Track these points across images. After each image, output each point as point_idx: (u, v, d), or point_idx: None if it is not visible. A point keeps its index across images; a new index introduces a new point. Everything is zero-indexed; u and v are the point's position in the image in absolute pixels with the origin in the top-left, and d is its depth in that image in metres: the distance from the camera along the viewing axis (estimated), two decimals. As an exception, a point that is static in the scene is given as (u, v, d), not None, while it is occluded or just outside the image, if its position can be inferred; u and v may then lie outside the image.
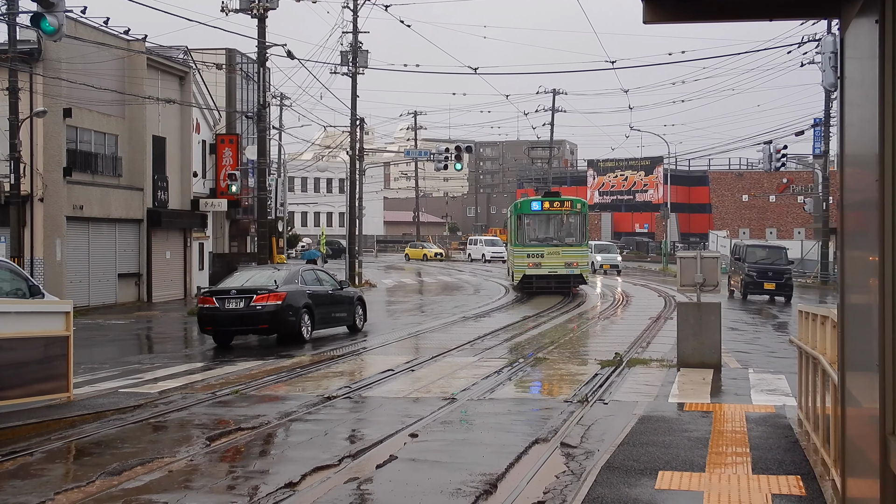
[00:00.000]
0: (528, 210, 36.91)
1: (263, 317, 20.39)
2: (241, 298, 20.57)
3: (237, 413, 12.02)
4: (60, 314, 13.10)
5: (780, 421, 10.97)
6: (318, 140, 76.13)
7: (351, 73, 44.86)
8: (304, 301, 21.12)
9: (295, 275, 21.98)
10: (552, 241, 36.30)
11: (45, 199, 30.47)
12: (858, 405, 4.63)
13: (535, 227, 36.82)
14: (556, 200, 37.15)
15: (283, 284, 20.99)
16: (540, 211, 36.72)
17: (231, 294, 20.72)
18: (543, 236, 36.59)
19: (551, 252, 35.56)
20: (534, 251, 35.76)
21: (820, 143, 46.97)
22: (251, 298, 20.48)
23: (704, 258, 16.20)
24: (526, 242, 36.31)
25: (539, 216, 36.82)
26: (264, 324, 20.55)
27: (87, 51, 30.25)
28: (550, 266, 35.39)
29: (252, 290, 20.71)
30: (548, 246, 35.87)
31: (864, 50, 4.34)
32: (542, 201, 37.12)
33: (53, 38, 17.34)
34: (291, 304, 20.71)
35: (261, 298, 20.41)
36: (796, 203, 72.02)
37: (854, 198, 4.78)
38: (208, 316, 20.81)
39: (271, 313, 20.35)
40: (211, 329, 21.01)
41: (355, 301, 23.50)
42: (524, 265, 35.79)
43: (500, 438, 10.28)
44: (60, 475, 9.09)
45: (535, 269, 35.47)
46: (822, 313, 8.64)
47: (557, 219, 36.87)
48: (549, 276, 35.42)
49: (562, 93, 75.31)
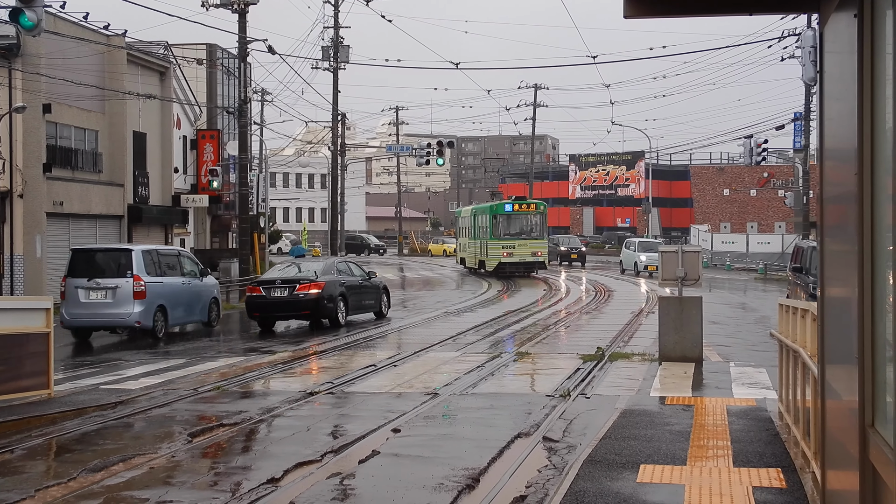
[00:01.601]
0: (503, 211, 45.18)
1: (306, 304, 22.64)
2: (285, 287, 22.74)
3: (219, 409, 11.99)
4: (41, 311, 13.02)
5: (761, 414, 11.03)
6: (299, 135, 75.95)
7: (332, 69, 44.79)
8: (339, 290, 23.36)
9: (331, 266, 24.32)
10: (521, 235, 44.57)
11: (25, 195, 30.28)
12: (838, 398, 4.66)
13: (508, 225, 44.73)
14: (523, 203, 46.16)
15: (321, 275, 23.28)
16: (511, 212, 45.13)
17: (276, 284, 22.90)
18: (515, 231, 44.68)
19: (521, 244, 44.02)
20: (507, 243, 44.02)
21: (800, 137, 47.18)
22: (294, 287, 22.67)
23: (686, 252, 16.25)
24: (501, 236, 44.32)
25: (510, 216, 45.07)
26: (306, 310, 22.79)
27: (67, 46, 30.05)
28: (520, 255, 43.92)
29: (295, 280, 22.92)
30: (518, 239, 44.29)
31: (843, 44, 4.36)
32: (513, 204, 45.79)
33: (32, 33, 17.24)
34: (330, 293, 22.98)
35: (303, 287, 22.63)
36: (777, 197, 72.36)
37: (833, 191, 4.81)
38: (256, 303, 22.93)
39: (313, 300, 22.61)
40: (258, 315, 23.07)
41: (381, 290, 25.87)
42: (499, 255, 43.92)
43: (482, 433, 10.30)
44: (41, 472, 9.04)
45: (509, 258, 43.85)
46: (803, 307, 8.69)
47: (525, 218, 45.20)
48: (519, 263, 44.05)
49: (543, 87, 75.36)
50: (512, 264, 43.85)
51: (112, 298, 20.88)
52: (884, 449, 3.54)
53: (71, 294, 21.06)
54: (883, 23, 3.69)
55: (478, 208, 49.58)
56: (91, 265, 21.49)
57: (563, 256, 56.01)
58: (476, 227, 47.72)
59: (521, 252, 43.96)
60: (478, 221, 47.42)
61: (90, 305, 20.93)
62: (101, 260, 21.89)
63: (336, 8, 44.49)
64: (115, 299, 20.85)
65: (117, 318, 21.02)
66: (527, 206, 45.92)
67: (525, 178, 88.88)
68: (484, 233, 45.74)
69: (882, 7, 3.71)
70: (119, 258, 21.50)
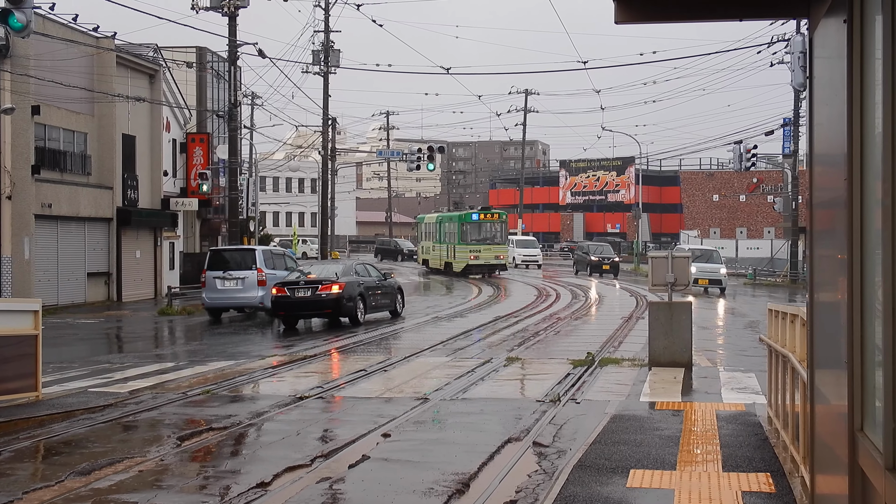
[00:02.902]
0: (469, 220, 50.42)
1: (328, 303, 24.20)
2: (308, 288, 24.31)
3: (208, 414, 11.96)
4: (29, 312, 12.96)
5: (751, 419, 11.05)
6: (289, 139, 75.89)
7: (323, 73, 44.78)
8: (358, 290, 25.00)
9: (350, 268, 26.26)
10: (486, 241, 49.70)
11: (14, 197, 30.16)
12: (827, 402, 4.66)
13: (474, 232, 49.91)
14: (488, 213, 51.47)
15: (342, 276, 24.91)
16: (477, 220, 50.35)
17: (300, 284, 24.55)
18: (480, 238, 49.83)
19: (486, 249, 49.33)
20: (474, 248, 49.31)
21: (789, 142, 47.33)
22: (317, 288, 24.20)
23: (676, 258, 16.28)
24: (468, 242, 49.47)
25: (477, 224, 50.20)
26: (328, 308, 24.38)
27: (56, 48, 29.98)
28: (485, 258, 49.20)
29: (318, 281, 24.43)
30: (483, 244, 49.53)
31: (833, 50, 4.37)
32: (479, 213, 51.27)
33: (21, 34, 17.19)
34: (350, 293, 24.53)
35: (325, 288, 24.15)
36: (766, 202, 72.57)
37: (823, 197, 4.82)
38: (281, 302, 24.48)
39: (334, 300, 24.16)
40: (283, 314, 24.73)
41: (396, 291, 27.53)
42: (467, 258, 49.22)
43: (472, 438, 10.29)
44: (29, 475, 8.99)
45: (475, 261, 49.10)
46: (792, 312, 8.71)
47: (489, 226, 50.31)
48: (484, 265, 49.25)
49: (534, 93, 75.53)
50: (478, 266, 49.12)
51: (242, 286, 27.52)
52: (873, 453, 3.54)
53: (210, 283, 27.61)
54: (872, 28, 3.70)
55: (444, 216, 54.59)
56: (223, 261, 28.25)
57: (594, 267, 50.64)
58: (442, 233, 52.83)
59: (485, 255, 49.25)
60: (444, 228, 52.66)
61: (224, 291, 27.64)
62: (230, 257, 28.62)
63: (327, 12, 44.50)
64: (244, 286, 27.49)
65: (245, 300, 27.67)
66: (491, 215, 51.16)
67: (515, 184, 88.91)
68: (452, 238, 50.88)
69: (872, 12, 3.72)
70: (246, 256, 28.39)
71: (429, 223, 56.69)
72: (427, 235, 57.07)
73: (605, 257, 50.98)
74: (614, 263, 50.43)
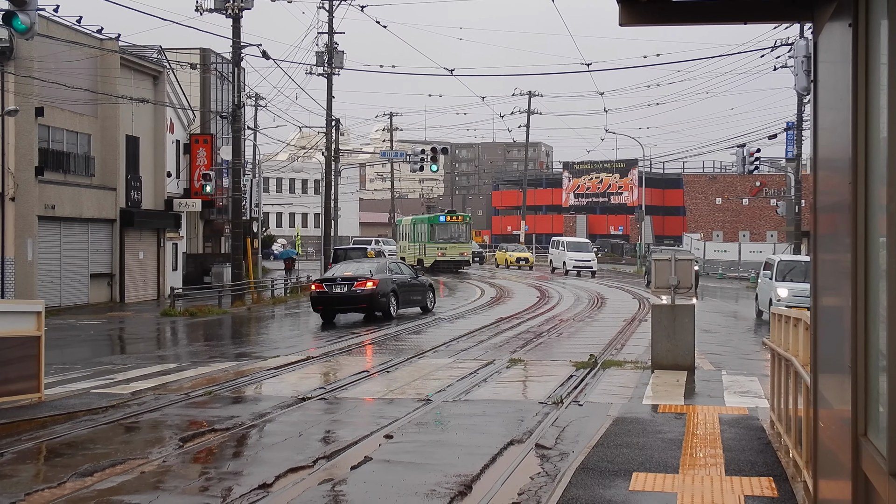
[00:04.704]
0: (437, 221, 57.84)
1: (363, 298, 25.88)
2: (344, 284, 25.99)
3: (210, 415, 11.96)
4: (31, 314, 12.97)
5: (753, 423, 11.03)
6: (293, 141, 75.87)
7: (326, 74, 44.78)
8: (391, 287, 26.56)
9: (384, 266, 27.82)
10: (451, 240, 56.88)
11: (17, 199, 30.20)
12: (830, 407, 4.66)
13: (441, 232, 56.99)
14: (454, 215, 58.78)
15: (376, 273, 26.41)
16: (444, 222, 57.54)
17: (337, 281, 26.22)
18: (447, 237, 56.90)
19: (451, 247, 56.60)
20: (441, 246, 56.44)
21: (792, 146, 47.28)
22: (352, 284, 25.89)
23: (679, 260, 16.25)
24: (436, 241, 56.58)
25: (444, 225, 57.34)
26: (363, 303, 26.05)
27: (60, 49, 30.01)
28: (451, 255, 56.29)
29: (353, 278, 26.07)
30: (449, 243, 56.71)
31: (837, 54, 4.37)
32: (446, 216, 58.39)
33: (25, 36, 17.17)
34: (383, 289, 26.13)
35: (360, 284, 25.83)
36: (769, 206, 72.47)
37: (827, 201, 4.81)
38: (319, 298, 26.38)
39: (368, 296, 25.81)
40: (321, 308, 26.54)
41: (427, 287, 29.19)
42: (435, 254, 56.16)
43: (474, 440, 10.28)
44: (31, 476, 8.99)
45: (442, 257, 56.05)
46: (795, 315, 8.70)
47: (454, 227, 57.41)
48: (450, 261, 56.18)
49: (537, 95, 75.47)
50: (444, 262, 55.95)
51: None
52: (876, 458, 3.54)
53: None
54: (878, 32, 3.69)
55: (417, 219, 62.29)
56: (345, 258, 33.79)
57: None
58: (416, 233, 59.94)
59: (451, 253, 56.32)
60: (417, 229, 59.70)
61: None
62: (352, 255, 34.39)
63: (330, 14, 44.50)
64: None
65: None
66: (456, 217, 58.49)
67: (519, 186, 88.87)
68: (423, 237, 58.08)
69: (877, 16, 3.71)
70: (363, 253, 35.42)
71: (405, 225, 64.17)
72: (403, 236, 64.23)
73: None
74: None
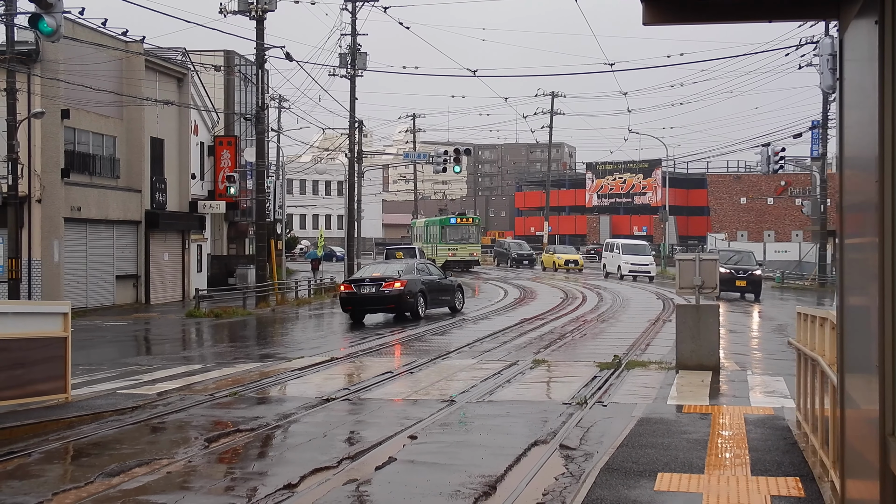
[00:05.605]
0: (448, 223, 60.84)
1: (391, 299, 26.16)
2: (373, 285, 26.29)
3: (235, 415, 12.01)
4: (58, 315, 13.07)
5: (779, 423, 10.97)
6: (316, 142, 76.07)
7: (349, 76, 44.86)
8: (419, 287, 26.83)
9: (412, 267, 28.18)
10: (462, 241, 59.91)
11: (43, 201, 30.45)
12: (857, 407, 4.62)
13: (452, 233, 60.04)
14: (464, 217, 62.15)
15: (404, 274, 26.81)
16: (455, 224, 60.59)
17: (366, 282, 26.53)
18: (457, 238, 59.90)
19: (462, 248, 59.65)
20: (452, 247, 59.45)
21: (818, 145, 47.00)
22: (381, 285, 26.18)
23: (703, 260, 16.19)
24: (447, 241, 59.72)
25: (455, 226, 60.39)
26: (391, 304, 26.30)
27: (85, 52, 30.24)
28: (461, 256, 59.20)
29: (382, 278, 26.39)
30: (460, 244, 59.74)
31: (864, 51, 4.34)
32: (457, 218, 61.46)
33: (51, 39, 17.35)
34: (411, 290, 26.42)
35: (388, 285, 26.14)
36: (794, 205, 72.07)
37: (853, 200, 4.78)
38: (348, 298, 26.63)
39: (397, 296, 26.08)
40: (350, 308, 26.71)
41: (455, 288, 29.44)
42: (446, 254, 58.65)
43: (498, 440, 10.28)
44: (58, 476, 9.07)
45: (453, 257, 58.71)
46: (821, 315, 8.64)
47: (465, 228, 60.56)
48: (460, 261, 58.81)
49: (560, 95, 75.30)
50: (455, 262, 58.27)
51: None
52: (904, 458, 3.51)
53: None
54: (904, 29, 3.66)
55: (430, 221, 65.60)
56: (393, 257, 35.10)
57: (725, 282, 32.40)
58: (428, 235, 63.22)
59: (461, 253, 59.27)
60: (430, 230, 63.13)
61: None
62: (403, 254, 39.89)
63: (353, 15, 44.57)
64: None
65: None
66: (467, 219, 61.66)
67: (542, 186, 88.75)
68: (435, 238, 61.03)
69: (903, 14, 3.69)
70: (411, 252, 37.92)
71: (419, 226, 68.16)
72: (417, 237, 67.73)
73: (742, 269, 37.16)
74: (755, 280, 37.05)
